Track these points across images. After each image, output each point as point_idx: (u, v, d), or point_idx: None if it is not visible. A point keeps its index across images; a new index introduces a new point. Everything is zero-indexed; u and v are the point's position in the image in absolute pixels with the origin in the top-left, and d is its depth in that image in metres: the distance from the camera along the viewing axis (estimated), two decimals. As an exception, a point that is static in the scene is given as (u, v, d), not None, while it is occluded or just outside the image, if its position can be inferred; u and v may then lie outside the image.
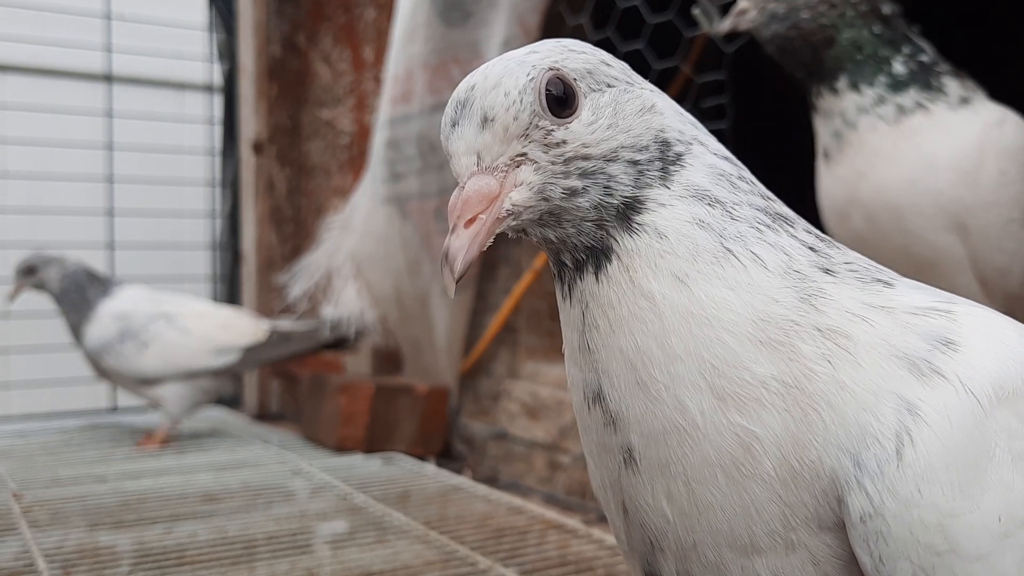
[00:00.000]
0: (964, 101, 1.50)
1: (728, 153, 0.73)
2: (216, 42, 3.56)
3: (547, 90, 0.67)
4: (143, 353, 2.60)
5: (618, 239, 0.68)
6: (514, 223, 0.67)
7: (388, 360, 2.89)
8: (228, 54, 3.50)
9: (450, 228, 0.66)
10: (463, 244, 0.64)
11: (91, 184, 3.38)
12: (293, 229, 3.45)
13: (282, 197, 3.44)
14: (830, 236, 0.74)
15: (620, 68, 0.73)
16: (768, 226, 0.69)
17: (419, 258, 2.62)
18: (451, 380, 2.65)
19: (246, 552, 1.71)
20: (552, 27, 2.33)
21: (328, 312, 2.69)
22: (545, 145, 0.67)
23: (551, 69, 0.68)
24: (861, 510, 0.60)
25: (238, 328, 2.68)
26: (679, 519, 0.65)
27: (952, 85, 1.50)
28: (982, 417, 0.60)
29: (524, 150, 0.67)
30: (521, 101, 0.67)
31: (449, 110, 0.69)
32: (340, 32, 3.19)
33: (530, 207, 0.67)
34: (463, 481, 2.24)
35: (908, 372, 0.62)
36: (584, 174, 0.67)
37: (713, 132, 0.75)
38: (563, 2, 2.32)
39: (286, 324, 2.75)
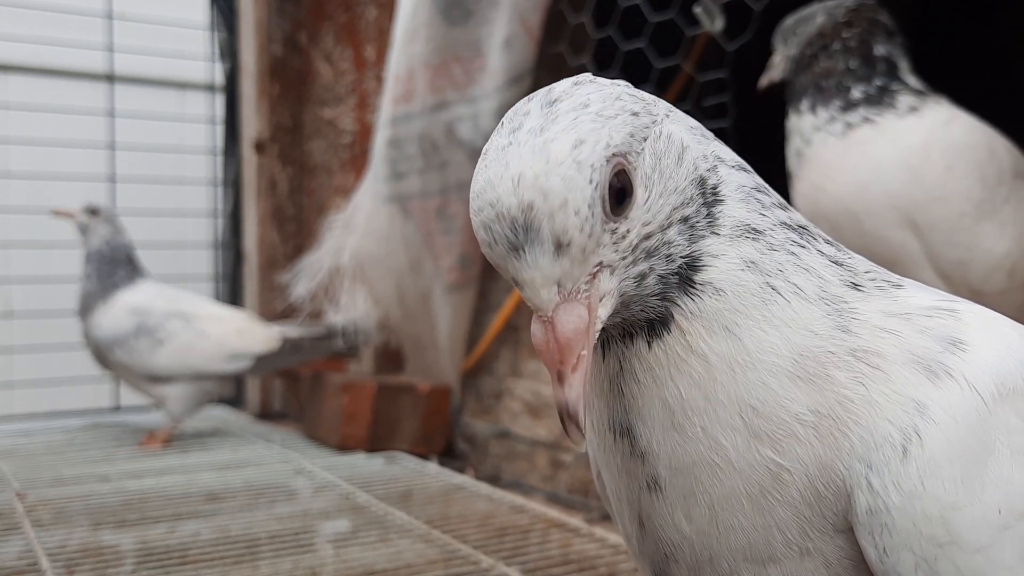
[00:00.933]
0: (912, 110, 1.57)
1: (737, 157, 0.70)
2: (218, 41, 3.57)
3: (611, 186, 0.61)
4: (157, 351, 2.60)
5: (681, 304, 0.65)
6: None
7: (390, 359, 2.90)
8: (230, 53, 3.50)
9: (553, 376, 0.60)
10: (578, 393, 0.58)
11: (93, 183, 3.39)
12: (295, 228, 3.46)
13: (284, 196, 3.44)
14: None
15: (643, 110, 0.65)
16: (800, 245, 0.67)
17: (421, 257, 2.62)
18: (453, 379, 2.65)
19: (249, 551, 1.71)
20: (553, 25, 2.33)
21: (336, 319, 2.68)
22: (615, 243, 0.62)
23: (609, 161, 0.60)
24: (867, 504, 0.61)
25: (252, 335, 2.67)
26: (697, 536, 0.66)
27: (905, 100, 1.58)
28: (985, 414, 0.61)
29: (601, 258, 0.61)
30: (592, 215, 0.59)
31: (502, 230, 0.60)
32: (341, 31, 3.19)
33: (613, 312, 0.63)
34: (465, 480, 2.24)
35: (924, 376, 0.63)
36: (649, 254, 0.63)
37: (714, 131, 0.73)
38: (564, 0, 2.32)
39: (295, 331, 2.73)
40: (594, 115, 0.61)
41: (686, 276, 0.65)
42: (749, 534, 0.64)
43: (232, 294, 3.50)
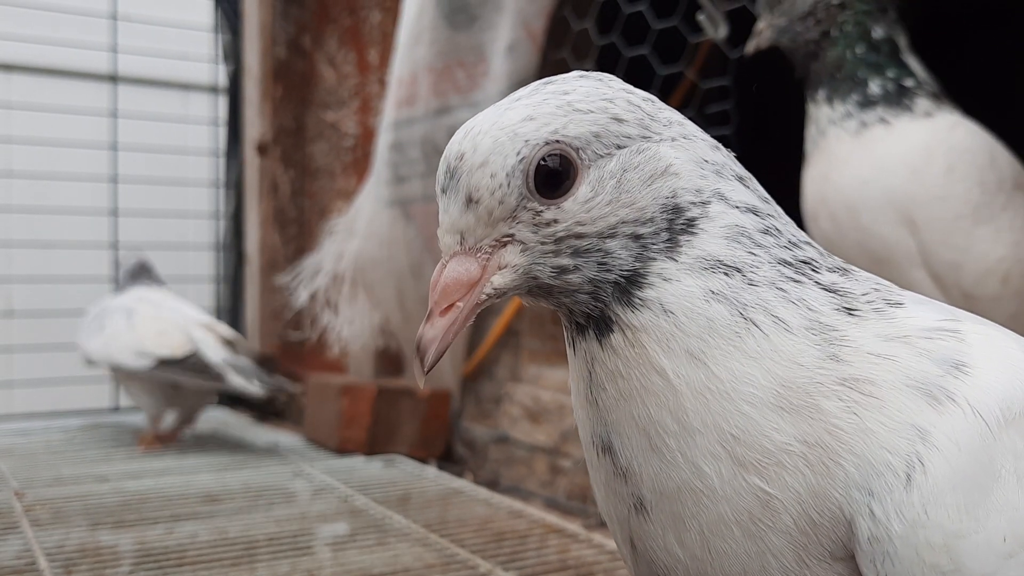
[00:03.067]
0: (927, 115, 1.57)
1: (755, 199, 0.68)
2: (221, 43, 3.57)
3: (540, 163, 0.63)
4: (94, 336, 2.64)
5: (619, 313, 0.65)
6: (497, 300, 0.66)
7: (390, 362, 2.90)
8: (233, 55, 3.51)
9: (426, 314, 0.64)
10: (436, 334, 0.63)
11: (95, 184, 3.39)
12: (297, 231, 3.46)
13: (286, 199, 3.44)
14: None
15: (635, 120, 0.66)
16: (792, 280, 0.66)
17: (422, 260, 2.62)
18: (453, 383, 2.65)
19: (247, 553, 1.71)
20: (557, 31, 2.34)
21: (256, 371, 2.60)
22: (535, 225, 0.63)
23: (547, 143, 0.63)
24: (869, 532, 0.60)
25: (166, 338, 2.58)
26: (691, 562, 0.65)
27: (922, 104, 1.57)
28: (990, 439, 0.60)
29: (511, 231, 0.64)
30: (508, 185, 0.63)
31: (440, 173, 0.66)
32: (345, 34, 3.19)
33: (516, 287, 0.65)
34: (464, 484, 2.24)
35: (924, 402, 0.62)
36: (577, 252, 0.64)
37: (717, 138, 0.72)
38: (568, 6, 2.32)
39: (215, 354, 2.59)
40: (564, 104, 0.64)
41: (624, 288, 0.65)
42: (743, 560, 0.63)
43: (233, 296, 3.51)
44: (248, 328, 3.43)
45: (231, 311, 3.56)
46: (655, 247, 0.65)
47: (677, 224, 0.65)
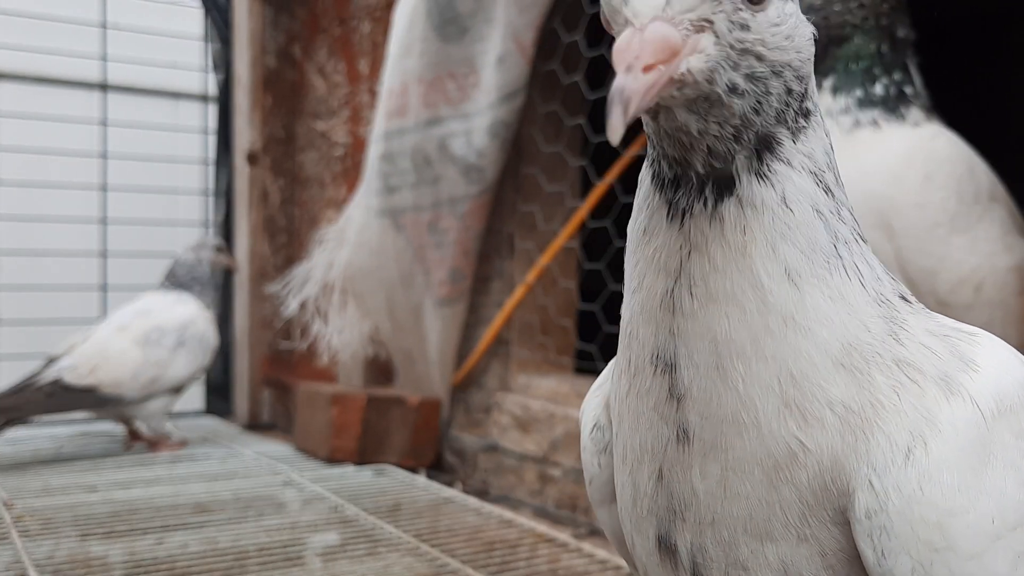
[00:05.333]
0: (915, 125, 1.60)
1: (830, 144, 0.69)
2: (211, 52, 3.58)
3: None
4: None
5: (745, 177, 0.64)
6: (677, 93, 0.60)
7: (380, 371, 2.90)
8: (223, 64, 3.51)
9: (623, 68, 0.56)
10: (640, 88, 0.56)
11: (85, 192, 3.39)
12: (286, 239, 3.47)
13: (276, 207, 3.45)
14: None
15: None
16: (860, 239, 0.67)
17: (412, 270, 2.63)
18: (443, 392, 2.66)
19: (237, 564, 1.72)
20: (547, 43, 2.35)
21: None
22: (731, 22, 0.61)
23: None
24: (867, 506, 0.62)
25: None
26: (705, 497, 0.66)
27: (914, 114, 1.60)
28: (984, 427, 0.63)
29: (712, 16, 0.60)
30: None
31: None
32: (335, 44, 3.21)
33: (697, 83, 0.60)
34: (454, 493, 2.25)
35: (942, 393, 0.65)
36: (751, 76, 0.62)
37: None
38: (558, 19, 2.34)
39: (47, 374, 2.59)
40: None
41: (758, 146, 0.64)
42: (752, 506, 0.65)
43: (223, 304, 3.51)
44: (237, 337, 3.43)
45: (221, 319, 3.56)
46: (791, 112, 0.65)
47: (804, 104, 0.66)
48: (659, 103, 0.60)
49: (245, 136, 3.38)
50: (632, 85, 0.56)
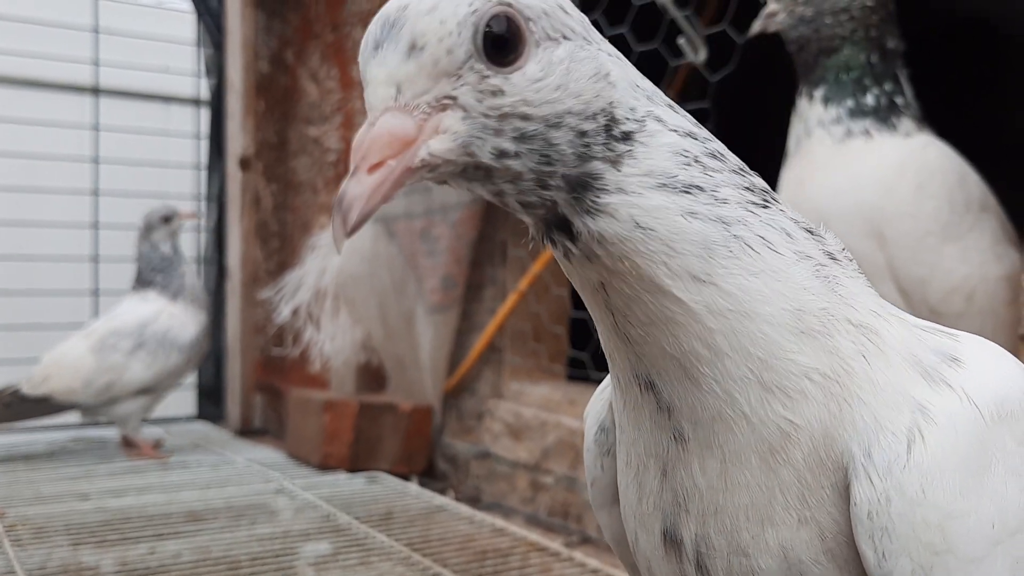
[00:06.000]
0: (907, 135, 1.61)
1: (692, 127, 0.66)
2: (204, 57, 3.57)
3: (487, 28, 0.58)
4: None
5: (577, 219, 0.62)
6: (430, 175, 0.58)
7: (372, 378, 2.91)
8: (216, 69, 3.51)
9: (350, 171, 0.56)
10: (363, 192, 0.55)
11: (77, 197, 3.38)
12: (279, 244, 3.47)
13: (268, 213, 3.45)
14: None
15: (579, 19, 0.63)
16: (759, 204, 0.65)
17: (404, 277, 2.64)
18: (435, 399, 2.66)
19: (230, 573, 1.72)
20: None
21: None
22: (479, 92, 0.58)
23: (500, 3, 0.58)
24: (869, 506, 0.61)
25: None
26: (706, 491, 0.66)
27: (906, 124, 1.61)
28: (983, 429, 0.63)
29: (454, 92, 0.57)
30: (459, 35, 0.57)
31: (373, 29, 0.59)
32: (328, 50, 3.21)
33: (450, 161, 0.58)
34: (446, 501, 2.26)
35: (920, 377, 0.64)
36: (521, 137, 0.59)
37: None
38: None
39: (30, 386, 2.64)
40: None
41: (575, 189, 0.61)
42: (753, 492, 0.64)
43: (215, 310, 3.51)
44: (229, 342, 3.43)
45: (213, 325, 3.56)
46: (597, 147, 0.61)
47: (615, 132, 0.62)
48: (437, 179, 0.59)
49: (238, 141, 3.38)
50: (353, 191, 0.55)
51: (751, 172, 0.67)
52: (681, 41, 2.00)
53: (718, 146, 0.66)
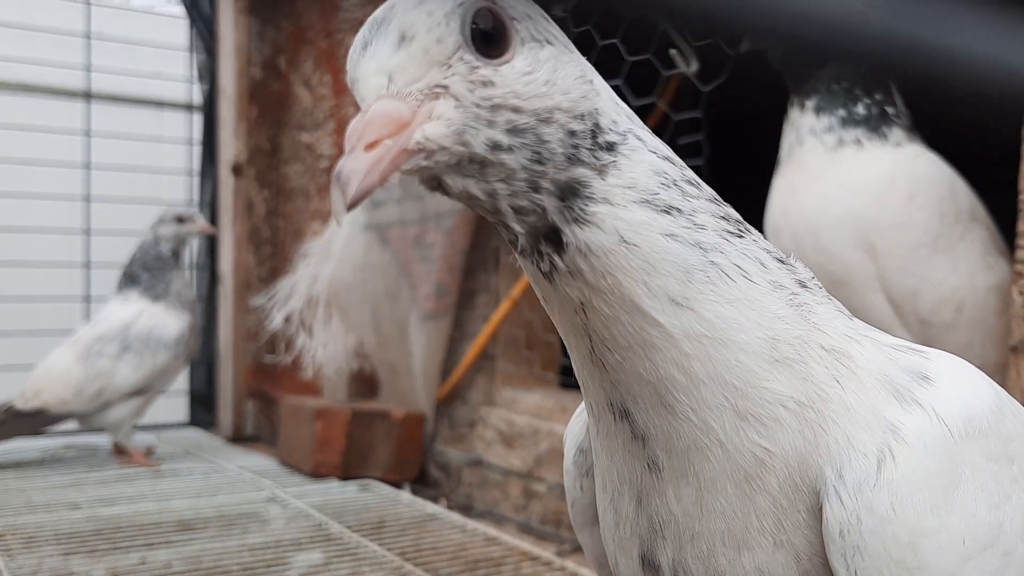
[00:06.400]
0: (897, 145, 1.62)
1: (669, 152, 0.66)
2: (197, 63, 3.57)
3: (474, 23, 0.59)
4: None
5: (566, 228, 0.61)
6: (425, 163, 0.58)
7: (365, 385, 2.90)
8: (208, 75, 3.50)
9: (346, 151, 0.56)
10: (361, 167, 0.55)
11: (69, 203, 3.37)
12: (271, 251, 3.46)
13: (260, 219, 3.44)
14: None
15: (560, 33, 0.64)
16: (734, 234, 0.65)
17: (398, 284, 2.64)
18: (427, 406, 2.66)
19: (221, 583, 1.72)
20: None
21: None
22: (470, 82, 0.58)
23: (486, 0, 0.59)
24: (840, 525, 0.62)
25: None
26: (682, 517, 0.67)
27: (896, 134, 1.61)
28: (952, 446, 0.63)
29: (445, 81, 0.58)
30: (448, 24, 0.58)
31: (363, 32, 0.60)
32: (321, 57, 3.21)
33: (445, 148, 0.57)
34: (438, 510, 2.25)
35: (892, 397, 0.65)
36: (513, 130, 0.59)
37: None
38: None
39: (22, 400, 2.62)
40: None
41: (564, 194, 0.61)
42: (728, 519, 0.65)
43: (207, 316, 3.50)
44: (222, 349, 3.42)
45: (205, 331, 3.55)
46: (584, 151, 0.61)
47: (600, 140, 0.62)
48: (432, 174, 0.60)
49: (230, 147, 3.38)
50: (350, 166, 0.55)
51: (725, 203, 0.68)
52: (673, 52, 2.01)
53: (693, 175, 0.67)
